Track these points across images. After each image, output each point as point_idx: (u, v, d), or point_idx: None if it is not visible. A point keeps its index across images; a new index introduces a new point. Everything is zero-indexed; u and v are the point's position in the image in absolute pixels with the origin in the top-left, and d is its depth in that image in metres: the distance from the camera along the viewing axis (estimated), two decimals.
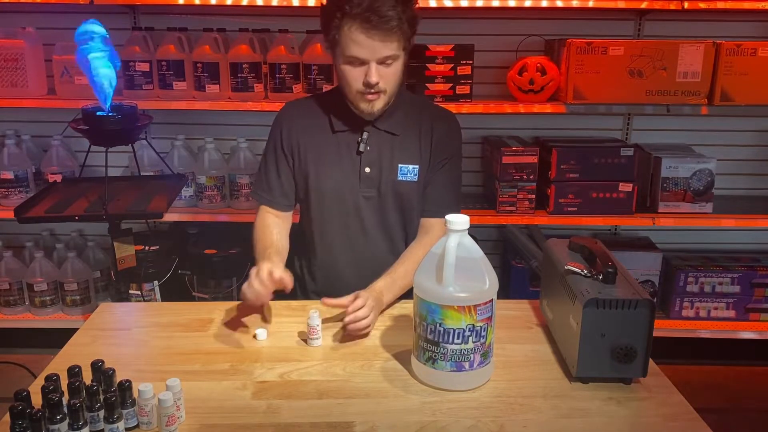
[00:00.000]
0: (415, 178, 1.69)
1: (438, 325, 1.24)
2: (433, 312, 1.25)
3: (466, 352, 1.26)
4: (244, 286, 1.46)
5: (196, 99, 2.62)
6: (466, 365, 1.27)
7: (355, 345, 1.47)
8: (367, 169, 1.67)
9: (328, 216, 1.71)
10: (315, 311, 1.47)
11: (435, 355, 1.27)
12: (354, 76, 1.55)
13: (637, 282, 1.35)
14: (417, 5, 1.56)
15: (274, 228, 1.69)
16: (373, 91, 1.55)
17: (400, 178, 1.67)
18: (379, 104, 1.59)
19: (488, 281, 1.26)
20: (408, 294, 1.56)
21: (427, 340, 1.27)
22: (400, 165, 1.68)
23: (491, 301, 1.26)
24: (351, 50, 1.51)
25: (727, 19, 2.79)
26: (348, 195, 1.68)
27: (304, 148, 1.69)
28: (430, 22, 2.77)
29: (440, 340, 1.25)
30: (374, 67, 1.52)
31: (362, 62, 1.52)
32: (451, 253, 1.23)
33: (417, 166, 1.68)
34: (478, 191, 2.97)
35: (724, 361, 2.92)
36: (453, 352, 1.26)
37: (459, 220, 1.25)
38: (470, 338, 1.25)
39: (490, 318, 1.27)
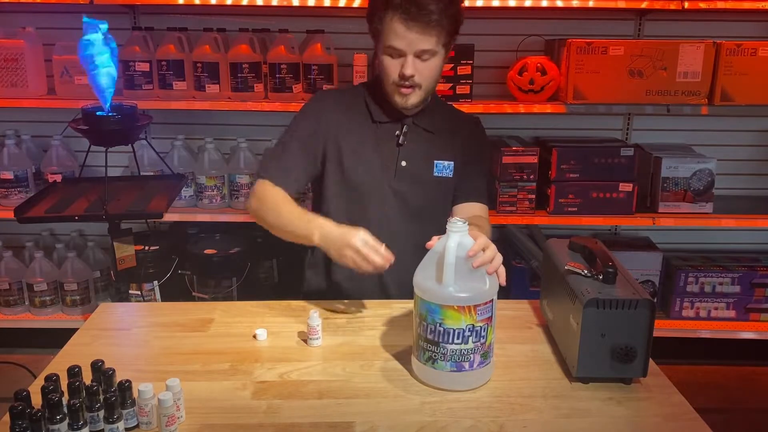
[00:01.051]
0: (451, 174, 1.72)
1: (438, 325, 1.25)
2: (433, 312, 1.25)
3: (466, 352, 1.26)
4: (369, 255, 1.40)
5: (196, 99, 2.62)
6: (466, 365, 1.27)
7: (355, 345, 1.47)
8: (404, 163, 1.69)
9: (357, 208, 1.71)
10: (315, 311, 1.47)
11: (435, 355, 1.27)
12: (391, 68, 1.58)
13: (637, 282, 1.35)
14: (462, 4, 1.57)
15: (286, 196, 1.62)
16: (407, 84, 1.58)
17: (436, 174, 1.71)
18: (413, 99, 1.61)
19: (488, 281, 1.26)
20: (408, 294, 1.57)
21: (427, 340, 1.27)
22: (436, 161, 1.70)
23: (491, 301, 1.27)
24: (390, 40, 1.54)
25: (727, 19, 2.79)
26: (381, 186, 1.68)
27: (342, 137, 1.68)
28: None
29: (440, 340, 1.25)
30: (410, 59, 1.55)
31: (400, 54, 1.55)
32: (451, 253, 1.23)
33: (452, 163, 1.72)
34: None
35: (724, 361, 2.92)
36: (453, 352, 1.26)
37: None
38: (470, 338, 1.25)
39: (490, 318, 1.27)
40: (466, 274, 1.25)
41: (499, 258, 1.31)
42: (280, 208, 1.58)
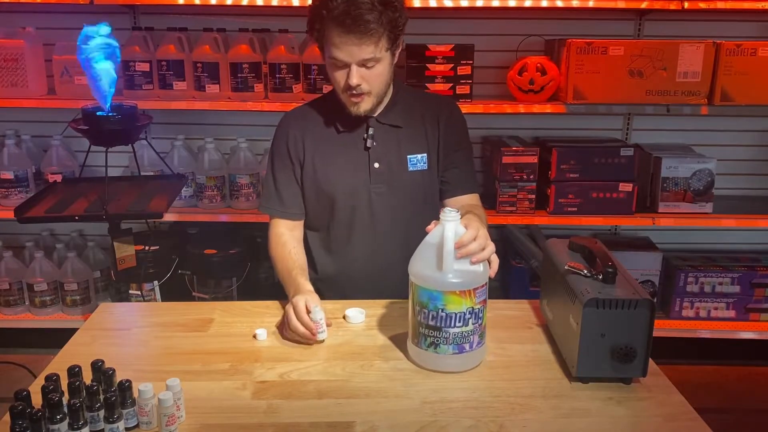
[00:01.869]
0: (425, 167, 1.71)
1: (440, 310, 1.30)
2: (435, 299, 1.30)
3: (466, 334, 1.32)
4: (292, 323, 1.44)
5: (196, 99, 2.63)
6: (467, 347, 1.33)
7: (355, 345, 1.48)
8: (377, 165, 1.68)
9: (339, 217, 1.71)
10: (316, 306, 1.47)
11: (437, 340, 1.32)
12: (337, 78, 1.58)
13: (637, 282, 1.35)
14: (398, 6, 1.53)
15: (290, 244, 1.71)
16: (355, 92, 1.57)
17: (410, 168, 1.70)
18: (365, 105, 1.61)
19: (481, 265, 1.32)
20: (401, 293, 1.58)
21: (428, 326, 1.32)
22: (408, 156, 1.70)
23: (486, 284, 1.34)
24: (331, 52, 1.53)
25: (727, 19, 2.79)
26: (359, 192, 1.69)
27: (311, 152, 1.70)
28: (430, 22, 2.77)
29: (442, 325, 1.31)
30: (354, 69, 1.53)
31: (344, 64, 1.54)
32: (450, 241, 1.29)
33: (425, 155, 1.71)
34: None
35: (724, 361, 2.92)
36: (455, 335, 1.32)
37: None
38: (470, 320, 1.31)
39: (485, 300, 1.34)
40: (461, 260, 1.30)
41: (491, 248, 1.34)
42: (278, 264, 1.69)
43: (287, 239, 1.72)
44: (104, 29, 1.86)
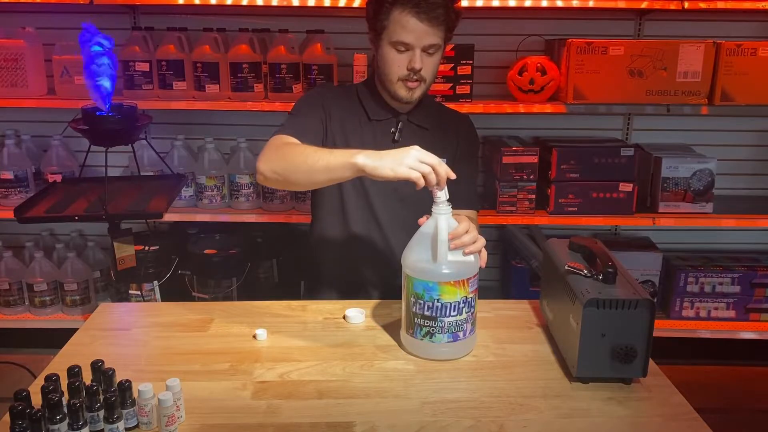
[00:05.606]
0: None
1: (435, 301, 1.34)
2: (430, 290, 1.34)
3: (460, 323, 1.37)
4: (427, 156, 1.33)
5: (196, 99, 2.62)
6: (461, 335, 1.38)
7: (355, 345, 1.48)
8: None
9: (358, 203, 1.72)
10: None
11: (433, 330, 1.36)
12: (398, 63, 1.60)
13: (637, 282, 1.35)
14: (456, 5, 1.62)
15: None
16: (415, 78, 1.61)
17: None
18: (418, 92, 1.65)
19: (472, 255, 1.37)
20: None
21: (424, 317, 1.36)
22: None
23: (477, 274, 1.39)
24: (399, 35, 1.57)
25: (727, 19, 2.79)
26: (376, 182, 1.69)
27: (342, 128, 1.71)
28: None
29: (438, 315, 1.35)
30: (419, 53, 1.58)
31: (407, 48, 1.58)
32: (444, 232, 1.33)
33: (444, 160, 1.72)
34: (478, 191, 2.97)
35: (724, 361, 2.92)
36: (450, 324, 1.36)
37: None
38: (464, 309, 1.36)
39: (476, 289, 1.39)
40: (454, 251, 1.34)
41: (482, 241, 1.39)
42: (305, 148, 1.46)
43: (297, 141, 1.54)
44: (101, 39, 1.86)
